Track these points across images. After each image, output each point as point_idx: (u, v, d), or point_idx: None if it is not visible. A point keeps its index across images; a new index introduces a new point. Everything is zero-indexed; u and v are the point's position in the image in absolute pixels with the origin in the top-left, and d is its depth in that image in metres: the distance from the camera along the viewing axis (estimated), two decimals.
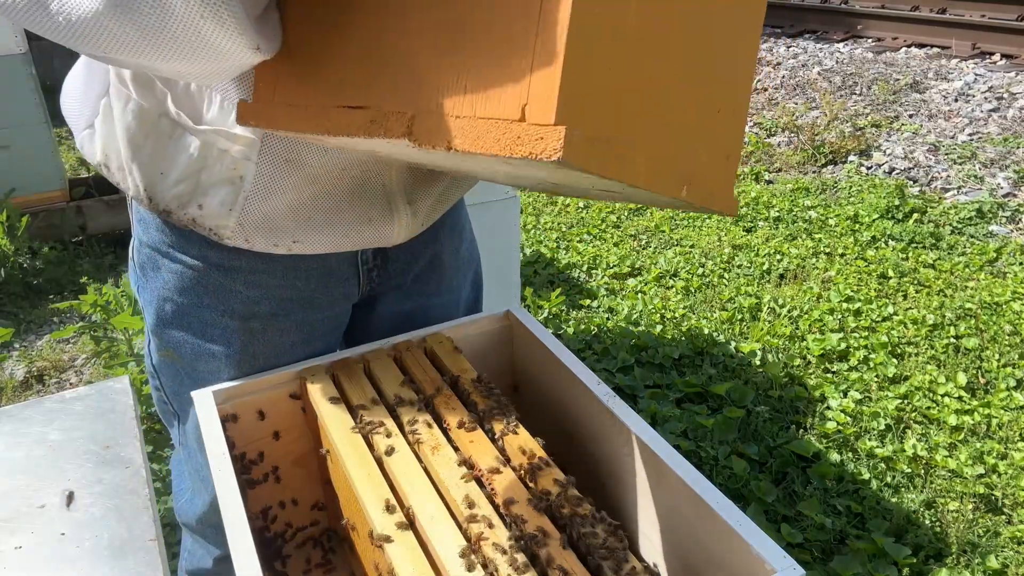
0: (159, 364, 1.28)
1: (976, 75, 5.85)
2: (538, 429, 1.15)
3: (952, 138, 4.86)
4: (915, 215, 3.89)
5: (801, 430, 2.51)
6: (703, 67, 0.79)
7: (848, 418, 2.52)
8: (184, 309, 1.20)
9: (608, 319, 3.17)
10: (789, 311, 3.16)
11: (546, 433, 1.16)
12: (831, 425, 2.48)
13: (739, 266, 3.57)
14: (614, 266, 3.58)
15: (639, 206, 4.05)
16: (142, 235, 1.20)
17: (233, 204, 1.06)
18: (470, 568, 0.91)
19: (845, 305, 3.15)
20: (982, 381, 2.70)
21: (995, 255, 3.51)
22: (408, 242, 1.23)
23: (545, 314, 3.17)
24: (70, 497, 1.03)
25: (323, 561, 1.46)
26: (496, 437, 1.13)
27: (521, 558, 0.92)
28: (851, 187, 4.25)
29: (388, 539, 0.97)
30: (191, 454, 1.34)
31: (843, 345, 2.89)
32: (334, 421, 1.17)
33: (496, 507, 1.00)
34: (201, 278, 1.18)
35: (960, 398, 2.61)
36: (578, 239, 3.88)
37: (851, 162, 4.60)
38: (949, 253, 3.57)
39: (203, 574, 1.52)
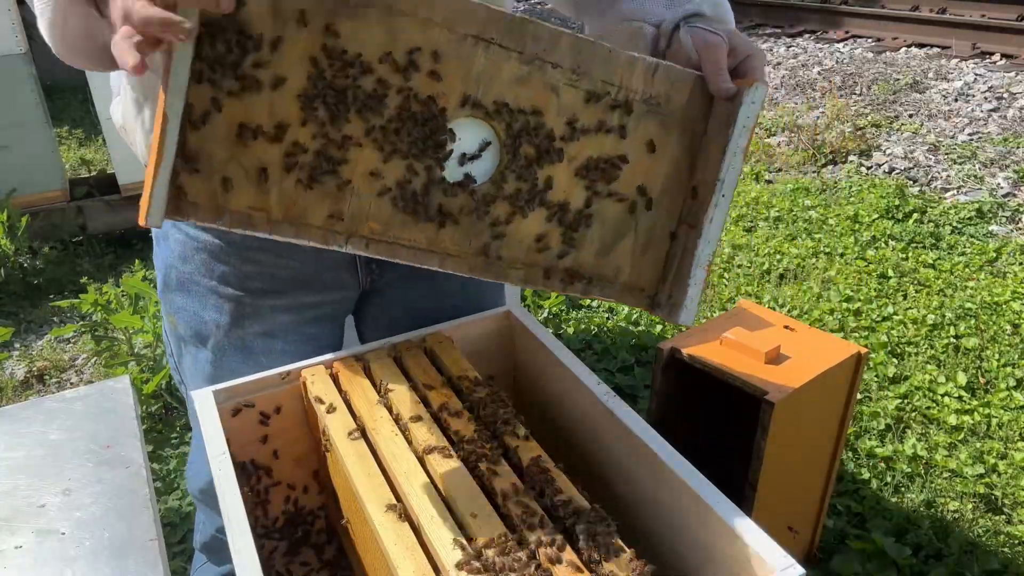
0: (167, 330, 1.40)
1: (976, 75, 5.85)
2: (538, 429, 1.15)
3: (952, 138, 4.86)
4: (915, 215, 3.89)
5: None
6: None
7: None
8: (184, 276, 1.29)
9: (608, 319, 3.17)
10: (789, 311, 3.16)
11: (546, 433, 1.16)
12: None
13: (739, 266, 3.57)
14: None
15: None
16: None
17: None
18: (470, 568, 0.91)
19: (845, 305, 3.15)
20: (982, 381, 2.70)
21: (995, 255, 3.50)
22: None
23: (545, 314, 3.17)
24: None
25: (323, 560, 1.46)
26: (496, 436, 1.13)
27: (522, 558, 0.92)
28: (851, 187, 4.25)
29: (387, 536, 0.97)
30: (195, 423, 1.37)
31: None
32: (334, 421, 1.17)
33: (496, 507, 1.00)
34: (201, 248, 1.27)
35: (960, 398, 2.61)
36: None
37: (851, 162, 4.60)
38: (949, 253, 3.57)
39: (210, 545, 1.55)
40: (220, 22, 0.86)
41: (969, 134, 4.89)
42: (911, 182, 4.34)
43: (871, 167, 4.55)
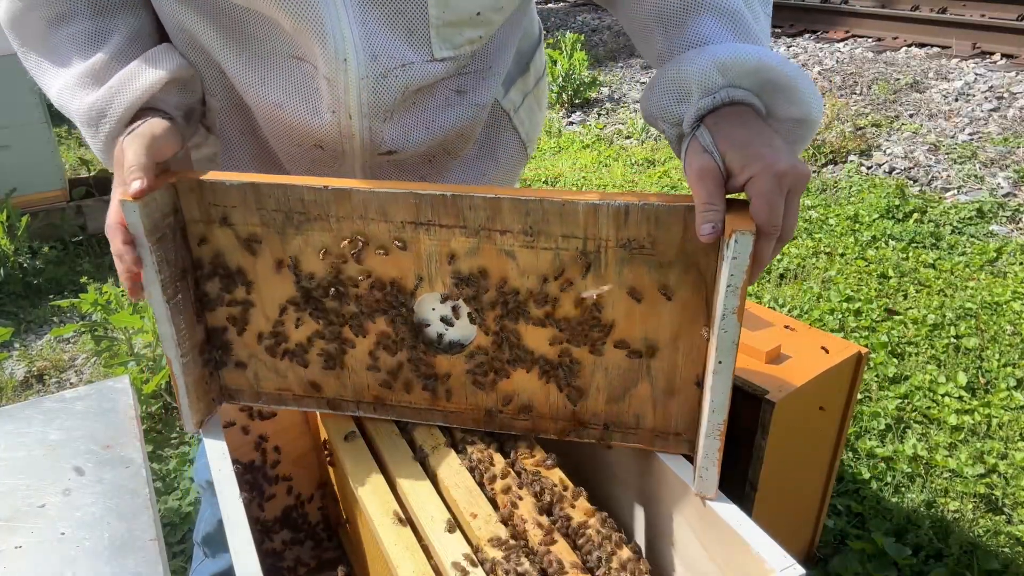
0: None
1: (976, 75, 5.84)
2: None
3: (952, 138, 4.86)
4: (915, 215, 3.89)
5: None
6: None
7: None
8: None
9: None
10: (789, 311, 3.16)
11: None
12: None
13: None
14: None
15: None
16: None
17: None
18: (471, 569, 0.91)
19: (845, 305, 3.15)
20: (982, 381, 2.70)
21: (995, 255, 3.50)
22: None
23: None
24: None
25: (323, 560, 1.46)
26: (497, 438, 1.13)
27: (523, 559, 0.92)
28: (851, 187, 4.25)
29: (388, 539, 0.97)
30: None
31: None
32: (335, 422, 1.17)
33: (496, 508, 1.00)
34: None
35: (960, 398, 2.61)
36: None
37: (851, 162, 4.60)
38: (949, 253, 3.56)
39: (213, 536, 1.56)
40: (202, 263, 1.04)
41: (969, 134, 4.89)
42: (911, 182, 4.34)
43: (871, 167, 4.54)
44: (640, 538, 1.13)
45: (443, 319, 1.03)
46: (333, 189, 0.95)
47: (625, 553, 0.94)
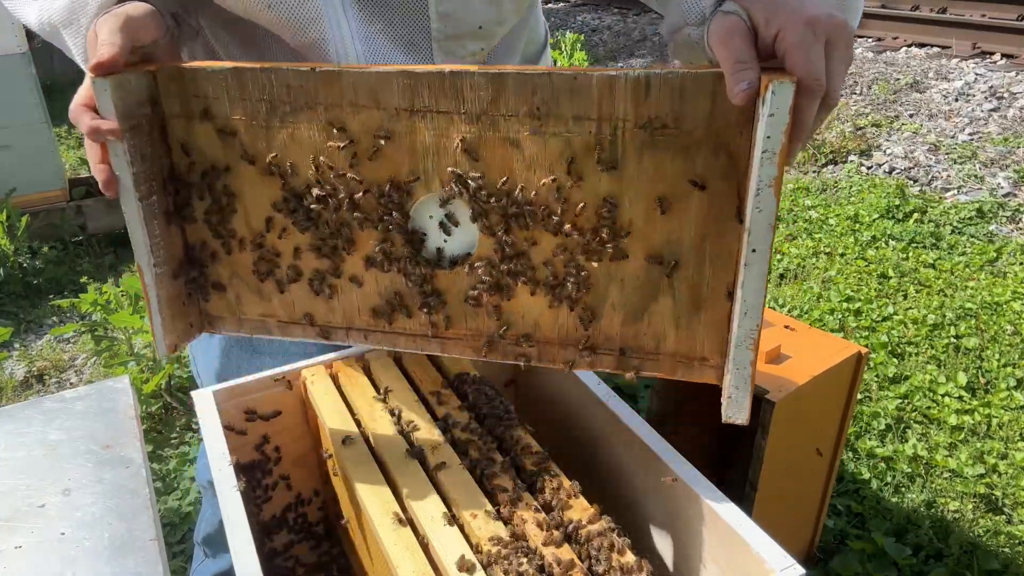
0: None
1: (976, 75, 5.85)
2: (539, 429, 1.15)
3: (952, 138, 4.86)
4: (915, 215, 3.89)
5: None
6: None
7: None
8: None
9: None
10: (789, 311, 3.16)
11: (546, 433, 1.15)
12: None
13: None
14: None
15: None
16: None
17: None
18: (471, 568, 0.91)
19: (845, 305, 3.15)
20: (982, 381, 2.70)
21: (995, 255, 3.50)
22: None
23: None
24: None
25: (323, 559, 1.46)
26: (497, 437, 1.13)
27: (522, 559, 0.92)
28: (851, 187, 4.25)
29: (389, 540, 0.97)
30: None
31: None
32: (334, 422, 1.17)
33: (497, 507, 1.00)
34: None
35: (960, 398, 2.61)
36: None
37: (851, 162, 4.60)
38: (949, 253, 3.56)
39: (214, 537, 1.56)
40: (181, 168, 0.96)
41: (969, 134, 4.89)
42: (911, 182, 4.34)
43: (871, 167, 4.55)
44: (640, 538, 1.13)
45: (441, 225, 0.92)
46: (321, 71, 0.86)
47: (625, 553, 0.94)
